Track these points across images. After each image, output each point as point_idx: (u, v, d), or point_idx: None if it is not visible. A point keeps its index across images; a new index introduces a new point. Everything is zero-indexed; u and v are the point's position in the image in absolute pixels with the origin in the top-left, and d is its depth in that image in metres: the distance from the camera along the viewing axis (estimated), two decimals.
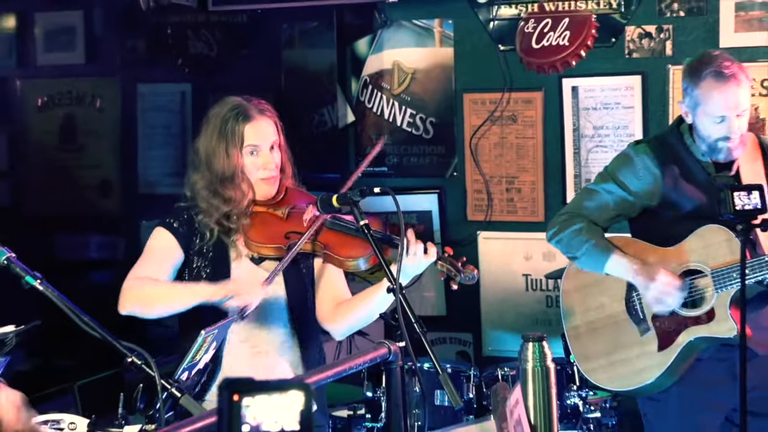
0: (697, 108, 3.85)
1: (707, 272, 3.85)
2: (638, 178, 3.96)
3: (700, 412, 3.85)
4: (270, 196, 3.69)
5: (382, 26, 5.66)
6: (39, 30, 4.63)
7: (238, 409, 1.90)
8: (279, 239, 3.61)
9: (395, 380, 3.15)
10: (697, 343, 3.86)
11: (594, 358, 4.06)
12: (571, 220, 4.01)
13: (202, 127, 3.72)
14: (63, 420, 3.02)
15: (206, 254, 3.63)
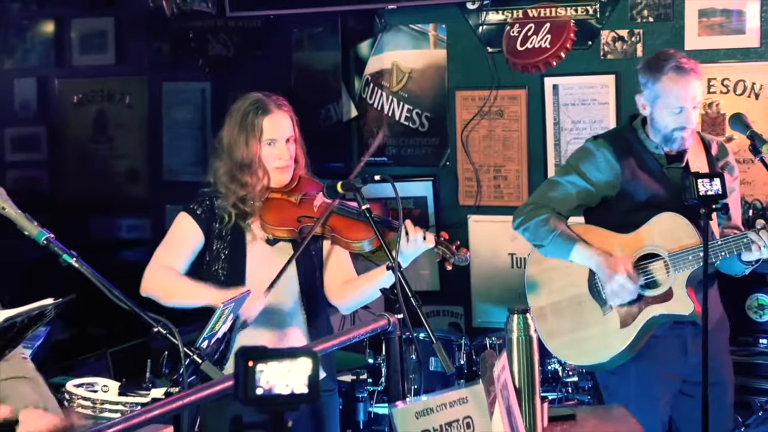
0: (657, 100, 3.83)
1: (664, 255, 3.83)
2: (599, 171, 3.94)
3: (656, 384, 3.85)
4: (284, 184, 3.70)
5: (382, 30, 5.65)
6: (75, 34, 4.63)
7: (252, 374, 1.90)
8: (292, 223, 3.62)
9: (394, 348, 3.16)
10: (655, 320, 3.85)
11: (558, 335, 4.02)
12: (537, 210, 3.98)
13: (226, 119, 3.73)
14: (97, 383, 3.02)
15: (225, 237, 3.64)
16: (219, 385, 2.49)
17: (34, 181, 4.48)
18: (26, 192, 3.51)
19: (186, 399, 2.45)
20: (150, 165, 5.00)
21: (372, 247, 3.58)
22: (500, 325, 5.11)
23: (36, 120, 4.49)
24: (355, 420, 4.74)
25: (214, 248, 3.65)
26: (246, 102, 3.71)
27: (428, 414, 2.21)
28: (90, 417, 2.90)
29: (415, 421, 2.18)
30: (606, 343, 3.91)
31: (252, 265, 3.62)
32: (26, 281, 3.20)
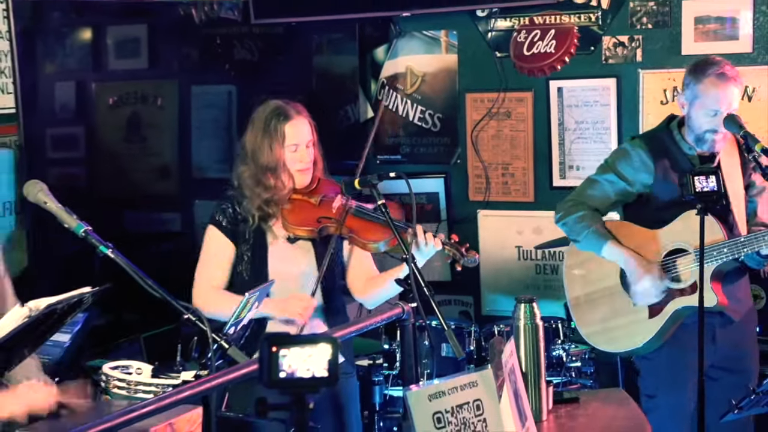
0: (695, 100, 3.83)
1: (690, 250, 3.84)
2: (635, 170, 3.94)
3: (684, 369, 3.84)
4: (305, 185, 3.70)
5: (397, 36, 5.65)
6: (110, 40, 4.63)
7: (276, 358, 1.91)
8: (312, 223, 3.64)
9: (408, 335, 3.16)
10: (681, 311, 3.86)
11: (592, 324, 4.05)
12: (575, 207, 3.99)
13: (248, 126, 3.73)
14: (131, 366, 3.03)
15: (248, 240, 3.65)
16: (244, 368, 2.50)
17: (72, 178, 4.49)
18: (66, 188, 3.52)
19: (214, 381, 2.46)
20: (180, 162, 5.00)
21: (387, 248, 3.60)
22: (508, 313, 5.10)
23: (75, 121, 4.50)
24: (372, 402, 4.74)
25: (241, 254, 3.66)
26: (267, 109, 3.71)
27: (440, 397, 2.21)
28: (125, 397, 2.91)
29: (428, 404, 2.19)
30: (635, 332, 3.92)
31: (274, 264, 3.63)
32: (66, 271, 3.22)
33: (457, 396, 2.23)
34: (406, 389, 2.22)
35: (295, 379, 1.90)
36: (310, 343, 1.92)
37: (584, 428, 2.91)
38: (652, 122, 4.87)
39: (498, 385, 2.35)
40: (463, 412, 2.23)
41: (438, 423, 2.19)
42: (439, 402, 2.20)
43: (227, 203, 3.68)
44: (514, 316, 2.92)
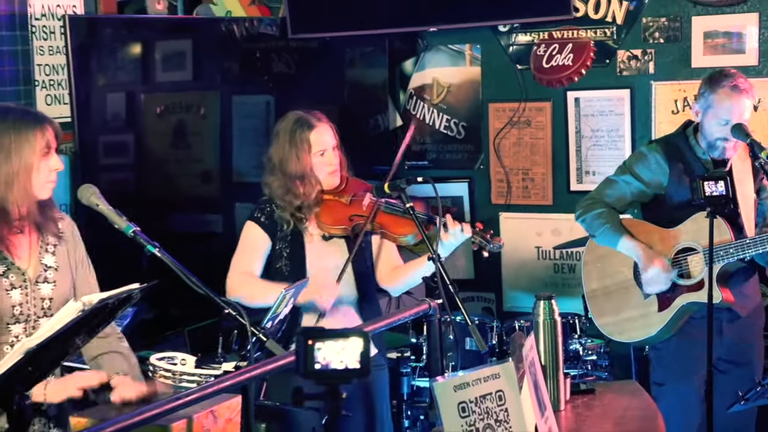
0: (708, 110, 3.82)
1: (699, 249, 3.82)
2: (651, 172, 3.93)
3: (693, 360, 3.83)
4: (335, 186, 3.71)
5: (424, 50, 5.64)
6: (158, 55, 4.64)
7: (311, 351, 1.91)
8: (344, 221, 3.65)
9: (434, 329, 3.16)
10: (689, 306, 3.85)
11: (607, 315, 4.06)
12: (594, 204, 4.00)
13: (273, 139, 3.73)
14: (176, 357, 3.04)
15: (285, 239, 3.66)
16: (281, 360, 2.50)
17: (122, 182, 4.51)
18: (116, 191, 3.54)
19: (253, 372, 2.46)
20: (221, 168, 5.01)
21: (416, 240, 3.60)
22: (528, 309, 5.08)
23: (124, 129, 4.51)
24: (400, 392, 4.73)
25: (277, 248, 3.68)
26: (289, 121, 3.71)
27: (465, 388, 2.21)
28: (170, 386, 2.92)
29: (453, 394, 2.19)
30: (645, 324, 3.93)
31: (311, 260, 3.64)
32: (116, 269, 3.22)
33: (480, 387, 2.23)
34: (433, 380, 2.22)
35: (329, 371, 1.90)
36: (344, 337, 1.92)
37: (600, 418, 2.90)
38: (664, 130, 4.86)
39: (519, 377, 2.34)
40: (486, 402, 2.22)
41: (463, 412, 2.18)
42: (464, 392, 2.20)
43: (266, 203, 3.69)
44: (534, 313, 2.91)
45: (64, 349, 2.53)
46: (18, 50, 4.11)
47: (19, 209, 2.82)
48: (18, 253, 2.85)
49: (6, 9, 4.04)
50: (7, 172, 2.77)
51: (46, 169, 2.84)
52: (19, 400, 2.28)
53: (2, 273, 2.81)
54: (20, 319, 2.82)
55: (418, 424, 4.77)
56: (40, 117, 2.90)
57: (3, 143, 2.78)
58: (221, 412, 2.63)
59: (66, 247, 2.97)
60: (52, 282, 2.90)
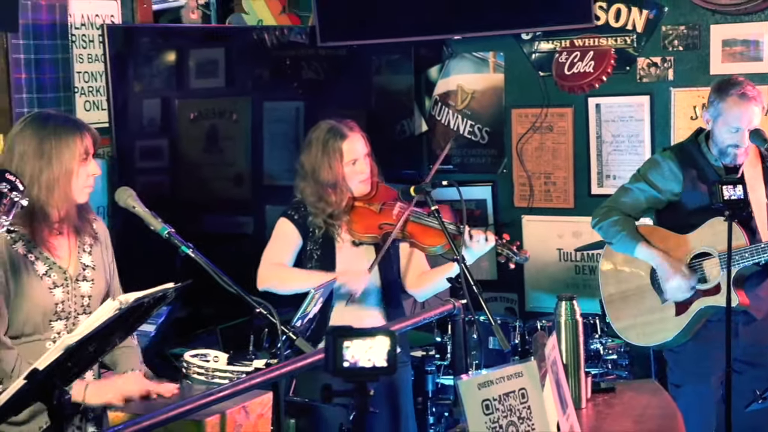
0: (718, 117, 3.80)
1: (715, 254, 3.80)
2: (665, 179, 3.91)
3: (709, 362, 3.81)
4: (366, 193, 3.71)
5: (449, 57, 5.64)
6: (192, 62, 4.66)
7: (340, 349, 1.92)
8: (374, 230, 3.65)
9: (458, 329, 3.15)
10: (706, 310, 3.83)
11: (624, 319, 4.04)
12: (610, 212, 3.98)
13: (305, 147, 3.73)
14: (209, 354, 3.06)
15: (317, 241, 3.67)
16: (310, 357, 2.51)
17: (158, 185, 4.53)
18: (151, 194, 3.55)
19: (283, 369, 2.47)
20: (253, 171, 5.03)
21: (443, 251, 3.61)
22: (549, 310, 5.07)
23: (160, 134, 4.54)
24: (425, 390, 4.73)
25: (308, 249, 3.68)
26: (322, 130, 3.70)
27: (488, 385, 2.20)
28: (203, 382, 2.93)
29: (477, 392, 2.18)
30: (663, 328, 3.91)
31: (341, 264, 3.65)
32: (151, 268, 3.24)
33: (504, 385, 2.22)
34: (458, 378, 2.21)
35: (358, 368, 1.91)
36: (371, 336, 1.92)
37: (620, 415, 2.89)
38: (683, 136, 4.82)
39: (541, 375, 2.34)
40: (509, 400, 2.22)
41: (486, 409, 2.18)
42: (488, 390, 2.19)
43: (300, 204, 3.70)
44: (556, 313, 2.90)
45: (101, 346, 2.55)
46: (59, 58, 4.14)
47: (59, 212, 2.85)
48: (58, 253, 2.88)
49: (48, 19, 4.07)
50: (48, 177, 2.80)
51: (84, 174, 2.87)
52: (59, 395, 2.29)
53: (45, 272, 2.84)
54: (62, 315, 2.85)
55: (443, 421, 4.76)
56: (80, 124, 2.92)
57: (44, 149, 2.81)
58: (253, 407, 2.64)
59: (100, 248, 3.01)
60: (91, 280, 2.93)
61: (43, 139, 2.81)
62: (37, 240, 2.83)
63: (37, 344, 2.81)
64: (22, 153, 2.81)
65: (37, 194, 2.77)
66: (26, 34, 3.95)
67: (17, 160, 2.80)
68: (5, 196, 2.42)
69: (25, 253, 2.82)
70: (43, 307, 2.82)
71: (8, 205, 2.43)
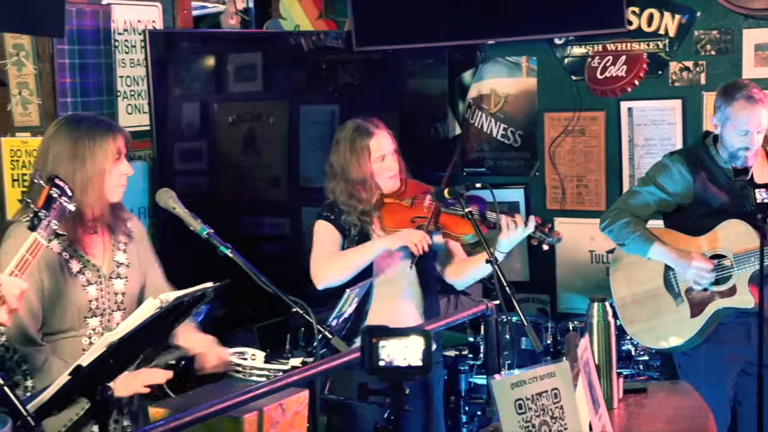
0: (726, 122, 3.77)
1: (730, 256, 3.76)
2: (674, 182, 3.89)
3: (723, 364, 3.79)
4: (395, 189, 3.71)
5: (483, 62, 5.63)
6: (230, 66, 4.68)
7: (376, 348, 1.92)
8: (407, 223, 3.65)
9: (491, 329, 3.15)
10: (721, 311, 3.79)
11: (637, 322, 4.00)
12: (620, 214, 3.96)
13: (333, 147, 3.73)
14: (246, 352, 3.07)
15: (353, 239, 3.67)
16: (346, 356, 2.52)
17: (197, 186, 4.55)
18: (191, 195, 3.57)
19: (319, 367, 2.48)
20: (289, 173, 5.04)
21: (475, 239, 3.59)
22: (581, 311, 5.06)
23: (199, 136, 4.56)
24: (458, 389, 4.73)
25: (345, 247, 3.68)
26: (349, 130, 3.71)
27: (522, 385, 2.20)
28: (241, 380, 2.94)
29: (510, 391, 2.18)
30: (678, 330, 3.87)
31: (377, 260, 3.64)
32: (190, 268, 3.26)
33: (536, 385, 2.22)
34: (491, 378, 2.21)
35: (393, 367, 1.91)
36: (406, 335, 1.92)
37: (652, 416, 2.87)
38: None
39: (574, 376, 2.33)
40: (542, 400, 2.21)
41: (519, 409, 2.17)
42: (521, 390, 2.19)
43: (333, 205, 3.71)
44: (588, 314, 2.89)
45: (142, 343, 2.57)
46: (102, 63, 4.18)
47: (92, 211, 2.87)
48: (92, 251, 2.90)
49: (92, 24, 4.11)
50: (82, 178, 2.82)
51: (117, 174, 2.89)
52: (102, 391, 2.32)
53: (79, 270, 2.86)
54: (96, 312, 2.88)
55: (475, 420, 4.75)
56: (112, 125, 2.95)
57: (78, 150, 2.83)
58: (289, 405, 2.65)
59: (135, 246, 3.02)
60: (125, 278, 2.95)
61: (76, 140, 2.83)
62: (72, 239, 2.85)
63: (73, 340, 2.84)
64: (57, 155, 2.83)
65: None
66: (71, 40, 3.99)
67: (51, 161, 2.82)
68: (55, 200, 2.46)
69: (60, 251, 2.85)
70: (78, 305, 2.84)
71: (58, 209, 2.46)
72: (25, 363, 2.75)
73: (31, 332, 2.77)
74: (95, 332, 2.84)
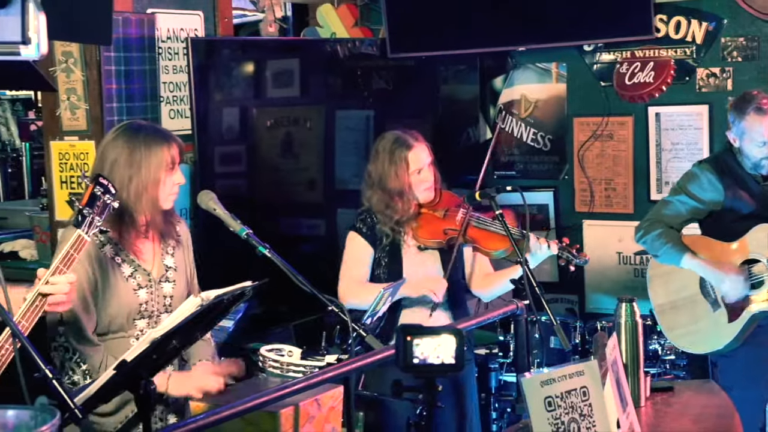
0: (743, 136, 3.76)
1: (763, 260, 3.74)
2: (704, 190, 3.86)
3: (760, 365, 3.75)
4: (430, 200, 3.71)
5: (513, 68, 5.61)
6: (269, 72, 4.70)
7: (410, 346, 1.92)
8: (439, 235, 3.65)
9: (521, 328, 3.15)
10: (757, 315, 3.77)
11: (676, 328, 3.99)
12: (653, 225, 3.94)
13: (372, 157, 3.73)
14: (283, 348, 3.07)
15: (384, 248, 3.67)
16: (379, 354, 2.52)
17: (236, 189, 4.58)
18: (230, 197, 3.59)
19: (353, 364, 2.48)
20: (325, 176, 5.05)
21: (506, 255, 3.59)
22: (609, 311, 5.03)
23: (238, 140, 4.58)
24: (488, 386, 4.72)
25: (377, 256, 3.69)
26: (389, 141, 3.70)
27: (551, 383, 2.19)
28: (278, 375, 2.95)
29: (540, 389, 2.17)
30: (716, 335, 3.85)
31: (408, 269, 3.65)
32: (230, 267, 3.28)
33: (566, 383, 2.20)
34: (521, 376, 2.20)
35: (427, 365, 1.91)
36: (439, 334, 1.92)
37: (679, 414, 2.85)
38: None
39: (602, 374, 2.31)
40: (571, 398, 2.20)
41: (549, 406, 2.16)
42: (550, 388, 2.18)
43: (366, 213, 3.70)
44: (616, 314, 2.88)
45: (184, 340, 2.58)
46: (146, 69, 4.21)
47: (145, 217, 2.89)
48: (143, 256, 2.93)
49: (137, 33, 4.15)
50: (136, 185, 2.84)
51: (170, 183, 2.91)
52: (145, 385, 2.33)
53: (130, 274, 2.88)
54: (145, 315, 2.90)
55: (505, 416, 4.74)
56: (168, 135, 2.96)
57: (134, 158, 2.85)
58: (324, 400, 2.65)
59: (182, 250, 3.04)
60: (173, 281, 2.97)
61: (133, 148, 2.85)
62: (124, 243, 2.88)
63: (122, 341, 2.86)
64: (114, 161, 2.85)
65: (125, 200, 2.81)
66: (117, 47, 4.03)
67: (109, 167, 2.85)
68: (99, 198, 2.49)
69: (113, 255, 2.87)
70: (128, 307, 2.87)
71: (101, 206, 2.49)
72: (84, 363, 2.79)
73: (86, 329, 2.79)
74: (142, 333, 2.86)
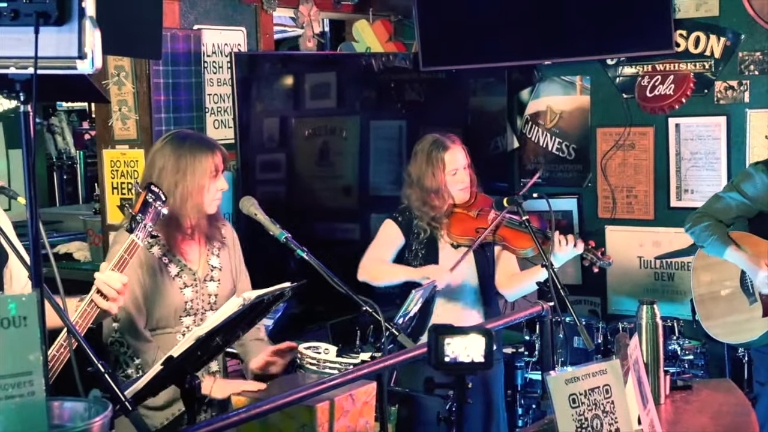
0: None
1: None
2: (756, 189, 3.84)
3: None
4: (466, 200, 3.71)
5: (539, 81, 5.59)
6: (307, 85, 4.73)
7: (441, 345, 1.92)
8: (471, 233, 3.65)
9: (546, 328, 3.13)
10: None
11: (713, 318, 3.97)
12: (702, 218, 3.93)
13: (412, 157, 3.75)
14: (320, 346, 3.08)
15: (422, 241, 3.68)
16: (411, 352, 2.52)
17: (276, 195, 4.60)
18: (270, 202, 3.61)
19: (387, 362, 2.48)
20: (360, 183, 5.06)
21: (533, 254, 3.58)
22: (630, 312, 4.99)
23: (278, 149, 4.60)
24: (514, 383, 4.70)
25: (414, 248, 3.69)
26: (427, 142, 3.72)
27: (575, 381, 2.17)
28: (315, 371, 2.96)
29: (565, 386, 2.16)
30: (750, 328, 3.83)
31: (443, 263, 3.65)
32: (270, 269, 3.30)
33: (589, 381, 2.19)
34: (546, 374, 2.19)
35: (458, 363, 1.90)
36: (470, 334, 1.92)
37: (697, 411, 2.82)
38: (757, 154, 4.77)
39: (624, 373, 2.30)
40: (594, 395, 2.19)
41: (573, 403, 2.15)
42: (574, 385, 2.17)
43: (405, 209, 3.72)
44: (638, 316, 2.86)
45: (227, 337, 2.60)
46: (192, 82, 4.25)
47: (190, 221, 2.92)
48: (189, 257, 2.95)
49: (184, 47, 4.18)
50: (182, 190, 2.86)
51: (214, 189, 2.93)
52: (191, 380, 2.35)
53: (177, 273, 2.91)
54: (190, 312, 2.92)
55: (531, 413, 4.71)
56: (212, 144, 2.98)
57: (180, 165, 2.87)
58: (359, 395, 2.65)
59: (228, 251, 3.06)
60: (217, 280, 2.99)
61: (180, 156, 2.88)
62: (170, 245, 2.91)
63: (168, 337, 2.88)
64: (161, 168, 2.88)
65: (172, 205, 2.83)
66: (165, 61, 4.07)
67: (157, 173, 2.88)
68: (151, 205, 2.52)
69: (160, 256, 2.90)
70: (175, 305, 2.89)
71: (153, 213, 2.52)
72: (137, 357, 2.81)
73: (139, 325, 2.82)
74: (188, 329, 2.89)
